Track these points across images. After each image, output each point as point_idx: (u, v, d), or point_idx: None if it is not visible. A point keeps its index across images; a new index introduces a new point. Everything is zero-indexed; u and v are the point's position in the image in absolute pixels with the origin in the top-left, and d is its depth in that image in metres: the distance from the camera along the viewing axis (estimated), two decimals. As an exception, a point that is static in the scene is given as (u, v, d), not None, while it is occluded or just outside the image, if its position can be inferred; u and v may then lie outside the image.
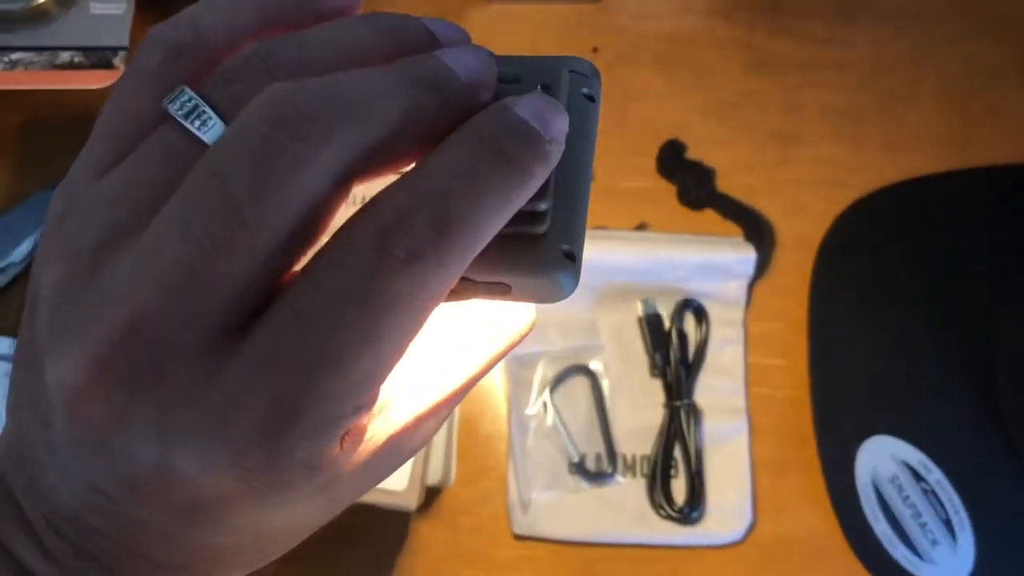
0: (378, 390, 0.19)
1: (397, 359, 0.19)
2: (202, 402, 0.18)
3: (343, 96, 0.18)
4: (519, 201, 0.19)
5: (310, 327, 0.18)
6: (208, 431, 0.18)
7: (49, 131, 0.57)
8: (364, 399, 0.19)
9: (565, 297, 0.21)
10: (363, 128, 0.18)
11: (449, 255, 0.18)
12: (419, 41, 0.21)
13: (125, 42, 0.53)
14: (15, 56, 0.53)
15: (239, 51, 0.21)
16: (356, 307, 0.18)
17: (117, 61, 0.53)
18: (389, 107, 0.19)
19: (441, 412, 0.23)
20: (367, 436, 0.20)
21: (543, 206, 0.20)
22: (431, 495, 0.51)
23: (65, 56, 0.53)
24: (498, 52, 0.22)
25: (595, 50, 0.57)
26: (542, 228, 0.20)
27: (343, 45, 0.20)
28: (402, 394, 0.22)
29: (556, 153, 0.19)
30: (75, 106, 0.55)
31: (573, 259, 0.21)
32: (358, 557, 0.50)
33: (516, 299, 0.22)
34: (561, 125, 0.20)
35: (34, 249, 0.55)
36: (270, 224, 0.18)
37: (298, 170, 0.18)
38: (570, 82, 0.22)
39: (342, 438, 0.19)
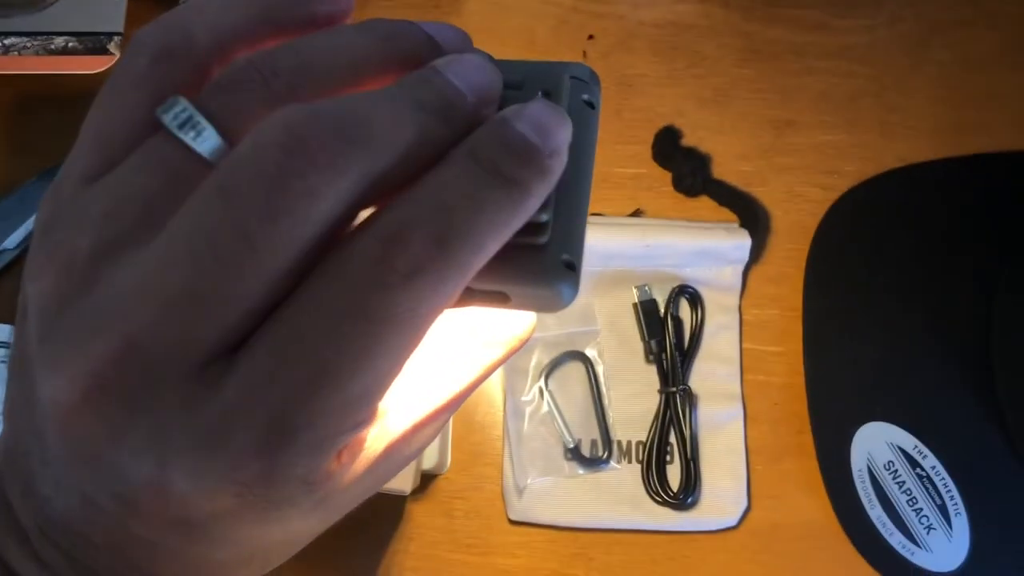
0: (377, 405, 0.19)
1: (396, 374, 0.19)
2: (198, 419, 0.18)
3: (357, 125, 0.18)
4: (520, 219, 0.19)
5: (309, 342, 0.17)
6: (204, 447, 0.18)
7: (43, 117, 0.57)
8: (363, 415, 0.19)
9: (565, 307, 0.21)
10: (375, 157, 0.18)
11: (449, 271, 0.18)
12: (419, 48, 0.21)
13: (120, 27, 0.53)
14: (9, 41, 0.53)
15: (229, 55, 0.20)
16: (355, 322, 0.17)
17: (112, 46, 0.53)
18: (400, 135, 0.18)
19: (439, 419, 0.23)
20: (365, 446, 0.20)
21: (544, 217, 0.20)
22: (426, 481, 0.51)
23: (59, 41, 0.53)
24: (495, 40, 0.22)
25: (591, 37, 0.57)
26: (543, 239, 0.20)
27: (341, 55, 0.20)
28: (400, 402, 0.21)
29: (558, 166, 0.19)
30: (70, 92, 0.55)
31: (573, 268, 0.21)
32: (352, 543, 0.50)
33: (515, 308, 0.21)
34: (564, 135, 0.19)
35: (28, 236, 0.54)
36: (279, 250, 0.17)
37: (312, 198, 0.17)
38: (571, 88, 0.21)
39: (340, 452, 0.19)
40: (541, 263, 0.20)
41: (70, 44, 0.53)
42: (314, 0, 0.21)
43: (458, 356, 0.23)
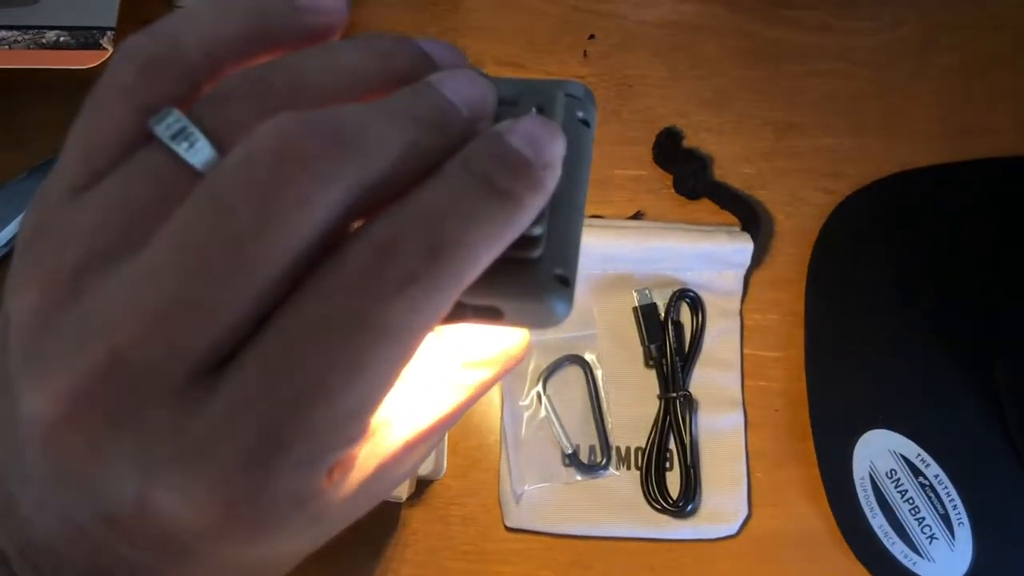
0: (369, 420, 0.18)
1: (388, 388, 0.18)
2: (185, 434, 0.17)
3: (350, 132, 0.18)
4: (513, 231, 0.19)
5: (299, 354, 0.17)
6: (190, 464, 0.17)
7: (34, 112, 0.56)
8: (355, 430, 0.18)
9: (559, 323, 0.21)
10: (368, 165, 0.18)
11: (441, 282, 0.18)
12: (415, 64, 0.21)
13: (112, 22, 0.52)
14: (-1, 35, 0.52)
15: (220, 67, 0.20)
16: (347, 334, 0.17)
17: (104, 41, 0.52)
18: (392, 144, 0.18)
19: (432, 438, 0.22)
20: (357, 464, 0.20)
21: (537, 231, 0.20)
22: (422, 486, 0.50)
23: (51, 35, 0.52)
24: (494, 39, 0.21)
25: (592, 37, 0.57)
26: (536, 253, 0.20)
27: (336, 70, 0.20)
28: (392, 420, 0.21)
29: (551, 179, 0.19)
30: (60, 87, 0.54)
31: (567, 283, 0.20)
32: (347, 549, 0.49)
33: (509, 324, 0.21)
34: (557, 149, 0.19)
35: (15, 236, 0.53)
36: (270, 259, 0.17)
37: (305, 205, 0.17)
38: (566, 106, 0.22)
39: (332, 469, 0.19)
40: (534, 277, 0.20)
41: (62, 38, 0.52)
42: (307, 12, 0.20)
43: (451, 375, 0.23)
